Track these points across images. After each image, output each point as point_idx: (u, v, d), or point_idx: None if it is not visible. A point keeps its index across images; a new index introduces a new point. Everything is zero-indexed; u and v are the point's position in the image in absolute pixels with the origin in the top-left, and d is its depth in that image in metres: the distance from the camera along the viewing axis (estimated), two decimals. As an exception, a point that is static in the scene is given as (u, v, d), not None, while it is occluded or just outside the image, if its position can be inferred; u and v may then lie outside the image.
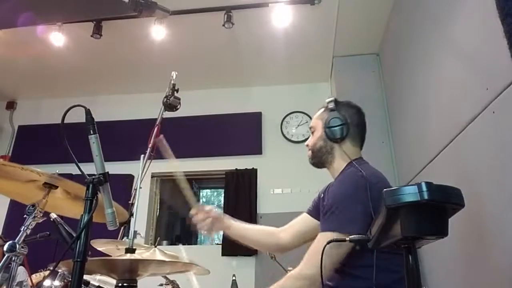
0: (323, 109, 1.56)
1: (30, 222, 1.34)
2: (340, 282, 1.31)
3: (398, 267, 1.21)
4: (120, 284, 1.26)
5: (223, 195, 4.20)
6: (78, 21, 3.43)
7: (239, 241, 1.71)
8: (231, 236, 1.71)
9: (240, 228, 1.71)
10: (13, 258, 1.29)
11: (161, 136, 1.57)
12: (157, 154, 1.65)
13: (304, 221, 1.64)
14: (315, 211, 1.60)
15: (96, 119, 1.04)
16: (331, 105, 1.49)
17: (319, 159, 1.52)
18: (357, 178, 1.31)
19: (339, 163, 1.47)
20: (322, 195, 1.52)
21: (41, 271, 2.28)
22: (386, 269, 1.23)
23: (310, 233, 1.62)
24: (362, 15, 3.19)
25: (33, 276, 2.21)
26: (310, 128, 1.59)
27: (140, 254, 1.44)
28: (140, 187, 1.50)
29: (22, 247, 1.30)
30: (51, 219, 1.24)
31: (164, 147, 1.54)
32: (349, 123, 1.46)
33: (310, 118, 4.24)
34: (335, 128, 1.45)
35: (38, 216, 1.36)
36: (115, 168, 3.02)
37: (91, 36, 3.49)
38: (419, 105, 2.47)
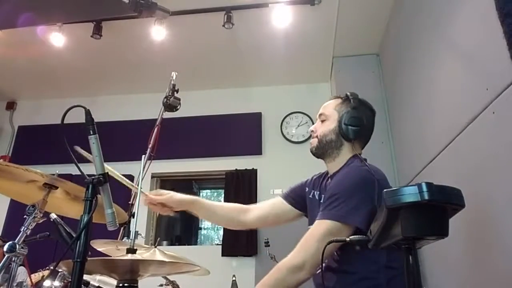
0: (340, 100, 1.49)
1: (30, 223, 1.34)
2: (337, 279, 1.30)
3: (396, 264, 1.21)
4: (121, 285, 1.26)
5: (223, 195, 4.21)
6: (78, 21, 3.43)
7: (206, 219, 1.66)
8: (197, 212, 1.66)
9: (205, 203, 1.66)
10: (13, 259, 1.29)
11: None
12: (157, 155, 1.65)
13: (278, 205, 1.62)
14: (295, 199, 1.58)
15: (96, 120, 1.03)
16: (355, 103, 1.43)
17: (323, 151, 1.46)
18: (364, 171, 1.29)
19: (342, 159, 1.44)
20: (314, 191, 1.51)
21: (40, 271, 2.28)
22: (385, 266, 1.22)
23: (274, 218, 1.63)
24: (362, 16, 3.19)
25: (32, 275, 2.21)
26: (321, 115, 1.50)
27: (140, 254, 1.44)
28: (141, 188, 1.50)
29: (22, 248, 1.30)
30: (51, 220, 1.24)
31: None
32: (365, 125, 1.43)
33: (310, 118, 4.26)
34: (353, 127, 1.39)
35: (38, 217, 1.36)
36: (115, 168, 3.02)
37: (91, 36, 3.49)
38: (419, 105, 2.47)
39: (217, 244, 4.17)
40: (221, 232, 4.22)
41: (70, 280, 0.92)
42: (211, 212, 1.67)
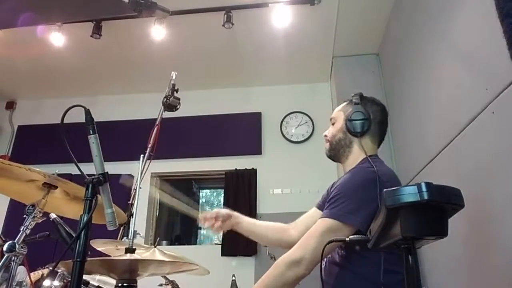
0: (346, 102, 1.55)
1: (30, 222, 1.34)
2: (341, 280, 1.31)
3: (401, 268, 1.21)
4: (120, 284, 1.26)
5: (222, 195, 4.20)
6: (78, 21, 3.43)
7: (248, 237, 1.69)
8: (240, 231, 1.69)
9: (249, 224, 1.69)
10: (13, 258, 1.29)
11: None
12: (157, 154, 1.65)
13: (312, 216, 1.61)
14: (324, 206, 1.59)
15: (95, 119, 1.04)
16: (356, 99, 1.48)
17: (336, 152, 1.50)
18: (368, 172, 1.29)
19: (355, 157, 1.45)
20: (332, 188, 1.51)
21: (39, 269, 2.28)
22: (389, 270, 1.22)
23: None
24: (362, 15, 3.19)
25: (32, 274, 2.20)
26: (331, 119, 1.57)
27: (139, 254, 1.44)
28: (140, 187, 1.50)
29: (22, 247, 1.30)
30: (51, 219, 1.24)
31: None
32: (372, 119, 1.45)
33: (310, 118, 4.27)
34: (357, 121, 1.43)
35: (38, 216, 1.36)
36: (115, 168, 3.02)
37: (91, 36, 3.48)
38: (419, 105, 2.47)
39: (217, 244, 4.17)
40: (220, 232, 4.21)
41: (69, 279, 0.92)
42: (250, 231, 1.69)
